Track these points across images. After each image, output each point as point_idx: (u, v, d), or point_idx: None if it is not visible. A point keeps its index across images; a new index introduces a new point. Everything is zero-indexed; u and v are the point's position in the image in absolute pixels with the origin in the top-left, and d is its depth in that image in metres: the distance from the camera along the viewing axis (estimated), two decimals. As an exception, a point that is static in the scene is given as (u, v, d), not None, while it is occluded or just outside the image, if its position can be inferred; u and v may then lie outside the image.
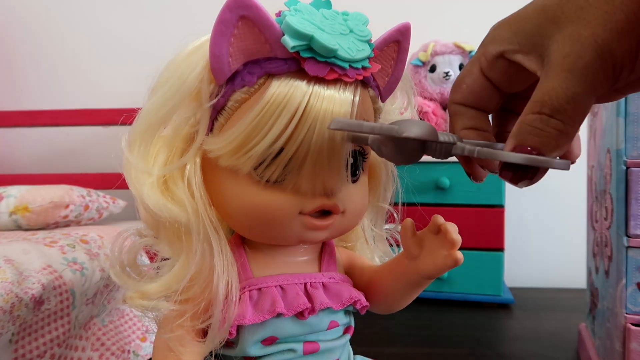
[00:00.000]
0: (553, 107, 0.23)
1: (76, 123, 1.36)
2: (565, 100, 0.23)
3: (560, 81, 0.23)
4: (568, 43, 0.23)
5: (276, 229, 0.32)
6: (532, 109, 0.24)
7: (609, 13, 0.22)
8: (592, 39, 0.22)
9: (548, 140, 0.24)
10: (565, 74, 0.23)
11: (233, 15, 0.28)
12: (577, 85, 0.23)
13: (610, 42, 0.22)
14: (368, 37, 0.31)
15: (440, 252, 0.32)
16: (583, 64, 0.23)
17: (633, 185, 0.67)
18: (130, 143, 0.31)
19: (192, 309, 0.32)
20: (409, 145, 0.28)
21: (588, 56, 0.22)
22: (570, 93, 0.23)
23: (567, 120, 0.23)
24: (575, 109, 0.23)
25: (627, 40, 0.22)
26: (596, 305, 0.87)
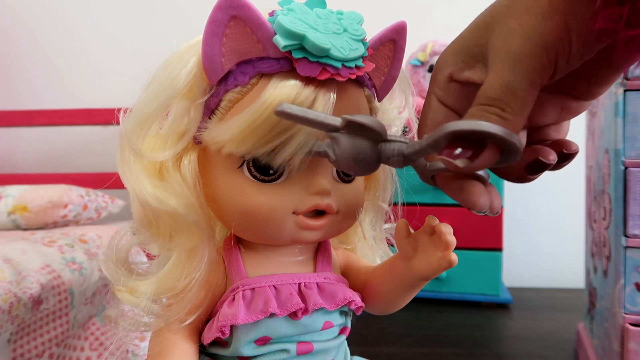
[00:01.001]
0: (489, 97, 0.23)
1: (75, 123, 1.36)
2: (499, 89, 0.23)
3: (494, 73, 0.23)
4: (499, 39, 0.24)
5: (270, 228, 0.32)
6: (473, 104, 0.24)
7: (532, 2, 0.23)
8: (520, 27, 0.23)
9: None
10: (498, 65, 0.23)
11: (224, 15, 0.28)
12: (509, 73, 0.23)
13: (537, 25, 0.22)
14: (362, 36, 0.31)
15: (434, 254, 0.32)
16: (513, 52, 0.23)
17: (631, 185, 0.67)
18: (122, 139, 0.31)
19: (182, 311, 0.32)
20: (361, 144, 0.27)
21: (517, 44, 0.23)
22: (502, 82, 0.23)
23: (505, 108, 0.23)
24: (511, 96, 0.23)
25: (552, 20, 0.22)
26: (594, 305, 0.87)
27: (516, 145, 0.23)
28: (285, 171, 0.31)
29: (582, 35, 0.22)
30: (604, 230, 0.78)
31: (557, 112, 0.28)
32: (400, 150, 0.27)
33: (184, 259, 0.32)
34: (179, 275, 0.32)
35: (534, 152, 0.27)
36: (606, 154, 0.77)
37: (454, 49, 0.27)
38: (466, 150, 0.23)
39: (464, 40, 0.26)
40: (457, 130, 0.22)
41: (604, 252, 0.79)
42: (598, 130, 0.86)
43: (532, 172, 0.27)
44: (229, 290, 0.34)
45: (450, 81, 0.28)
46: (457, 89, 0.28)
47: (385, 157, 0.27)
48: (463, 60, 0.26)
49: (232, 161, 0.31)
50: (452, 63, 0.27)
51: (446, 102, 0.28)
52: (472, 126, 0.22)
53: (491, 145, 0.23)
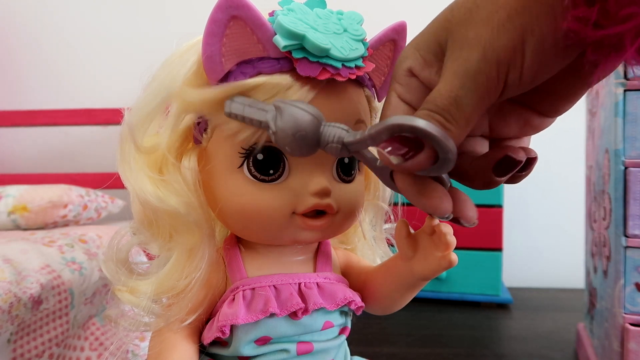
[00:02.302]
0: (437, 105, 0.23)
1: (75, 123, 1.36)
2: (448, 101, 0.23)
3: (445, 83, 0.23)
4: (457, 46, 0.23)
5: (270, 229, 0.32)
6: (422, 106, 0.24)
7: (492, 12, 0.22)
8: (476, 39, 0.22)
9: None
10: (451, 76, 0.23)
11: (224, 15, 0.28)
12: (459, 88, 0.23)
13: (492, 40, 0.22)
14: (362, 36, 0.31)
15: (434, 254, 0.32)
16: (467, 66, 0.22)
17: (631, 185, 0.67)
18: (123, 138, 0.31)
19: (182, 311, 0.32)
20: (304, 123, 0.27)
21: (472, 58, 0.22)
22: (453, 95, 0.23)
23: (449, 119, 0.23)
24: (457, 110, 0.23)
25: (506, 35, 0.21)
26: (594, 305, 0.87)
27: (451, 152, 0.23)
28: (285, 171, 0.31)
29: (538, 51, 0.22)
30: (604, 230, 0.78)
31: (519, 126, 0.28)
32: (340, 138, 0.27)
33: (184, 259, 0.32)
34: (179, 275, 0.32)
35: (502, 149, 0.26)
36: (606, 154, 0.77)
37: (415, 43, 0.26)
38: (402, 147, 0.23)
39: (425, 36, 0.26)
40: (399, 124, 0.22)
41: (604, 252, 0.79)
42: (598, 130, 0.86)
43: (500, 173, 0.26)
44: (229, 290, 0.34)
45: (410, 76, 0.27)
46: (417, 85, 0.27)
47: (324, 141, 0.27)
48: (423, 57, 0.26)
49: (232, 161, 0.31)
50: (412, 58, 0.26)
51: (405, 99, 0.27)
52: (414, 123, 0.22)
53: (428, 148, 0.23)
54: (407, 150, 0.23)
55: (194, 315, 0.33)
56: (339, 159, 0.33)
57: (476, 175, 0.27)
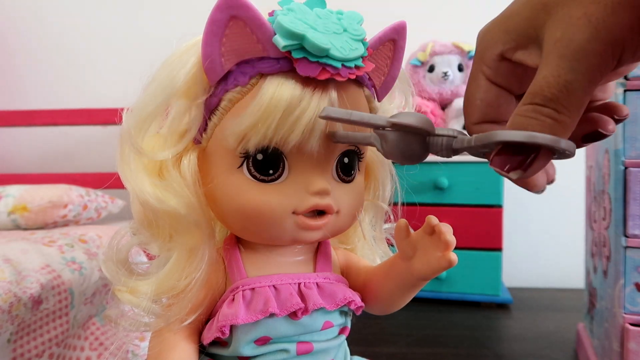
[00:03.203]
0: (545, 97, 0.22)
1: (75, 123, 1.36)
2: (557, 88, 0.21)
3: (552, 69, 0.22)
4: (559, 27, 0.22)
5: (270, 228, 0.32)
6: (525, 100, 0.23)
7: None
8: (585, 18, 0.20)
9: (542, 129, 0.22)
10: (556, 60, 0.21)
11: (224, 15, 0.28)
12: (569, 71, 0.21)
13: (606, 19, 0.20)
14: (362, 36, 0.31)
15: (434, 253, 0.32)
16: (575, 47, 0.21)
17: (631, 186, 0.67)
18: (123, 138, 0.31)
19: (182, 311, 0.32)
20: (409, 139, 0.27)
21: (580, 38, 0.21)
22: (562, 80, 0.21)
23: (561, 109, 0.22)
24: (569, 97, 0.21)
25: (625, 14, 0.20)
26: (594, 305, 0.87)
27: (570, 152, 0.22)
28: (285, 171, 0.31)
29: None
30: (604, 230, 0.78)
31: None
32: (448, 145, 0.27)
33: (184, 259, 0.32)
34: (179, 275, 0.32)
35: (593, 122, 0.26)
36: (606, 154, 0.77)
37: (504, 26, 0.25)
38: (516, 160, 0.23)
39: (516, 18, 0.24)
40: (508, 141, 0.22)
41: (604, 252, 0.79)
42: (598, 130, 0.86)
43: (588, 142, 0.26)
44: (229, 290, 0.34)
45: (501, 60, 0.26)
46: (508, 68, 0.26)
47: (433, 151, 0.28)
48: (515, 40, 0.24)
49: (232, 161, 0.31)
50: (503, 41, 0.25)
51: (496, 81, 0.27)
52: (524, 138, 0.21)
53: (544, 152, 0.22)
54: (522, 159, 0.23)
55: (193, 316, 0.33)
56: (339, 158, 0.33)
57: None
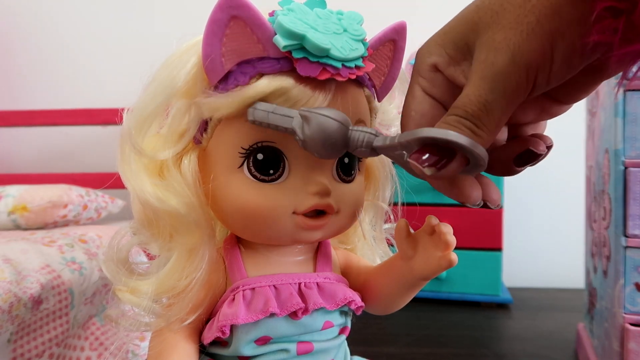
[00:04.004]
0: (466, 112, 0.23)
1: (75, 123, 1.36)
2: (477, 106, 0.23)
3: (474, 88, 0.23)
4: (484, 49, 0.23)
5: (270, 228, 0.32)
6: (450, 112, 0.24)
7: (520, 16, 0.22)
8: (505, 43, 0.22)
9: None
10: (479, 81, 0.23)
11: (224, 15, 0.28)
12: (489, 92, 0.23)
13: (522, 44, 0.22)
14: (362, 36, 0.31)
15: (434, 253, 0.32)
16: (495, 70, 0.22)
17: (631, 186, 0.67)
18: (123, 138, 0.31)
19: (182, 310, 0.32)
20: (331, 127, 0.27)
21: (500, 62, 0.22)
22: (482, 100, 0.23)
23: (480, 125, 0.23)
24: (487, 115, 0.23)
25: (537, 40, 0.21)
26: (594, 305, 0.87)
27: (483, 160, 0.23)
28: (285, 171, 0.31)
29: (567, 56, 0.22)
30: (604, 231, 0.78)
31: (536, 113, 0.28)
32: (369, 142, 0.27)
33: (184, 259, 0.32)
34: (179, 275, 0.32)
35: (524, 142, 0.27)
36: (606, 154, 0.77)
37: (440, 40, 0.26)
38: (434, 157, 0.24)
39: (450, 34, 0.26)
40: (430, 137, 0.23)
41: (603, 252, 0.79)
42: (598, 130, 0.86)
43: (521, 164, 0.27)
44: (229, 290, 0.34)
45: (435, 71, 0.27)
46: (442, 80, 0.27)
47: (353, 146, 0.28)
48: (449, 54, 0.26)
49: (233, 161, 0.31)
50: (438, 54, 0.26)
51: (431, 93, 0.28)
52: (445, 136, 0.22)
53: (460, 157, 0.23)
54: (438, 159, 0.24)
55: (194, 315, 0.33)
56: (338, 158, 0.33)
57: (497, 165, 0.28)
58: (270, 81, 0.29)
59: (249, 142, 0.31)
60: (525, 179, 1.54)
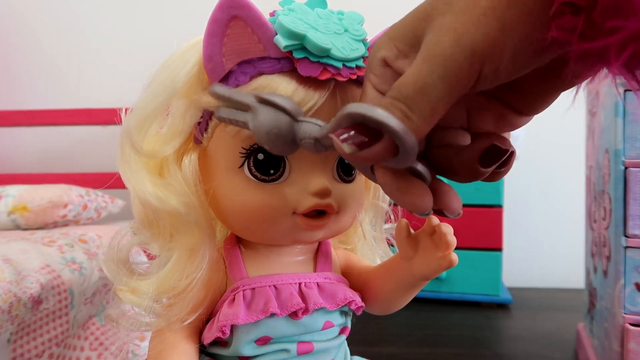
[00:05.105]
0: (401, 93, 0.22)
1: (75, 122, 1.36)
2: (413, 87, 0.22)
3: (414, 69, 0.22)
4: (432, 33, 0.22)
5: (270, 228, 0.32)
6: (388, 94, 0.23)
7: (474, 2, 0.21)
8: (452, 26, 0.21)
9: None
10: (420, 62, 0.22)
11: (225, 15, 0.28)
12: (428, 74, 0.21)
13: (470, 28, 0.20)
14: (363, 37, 0.31)
15: (435, 254, 0.32)
16: (437, 51, 0.21)
17: (631, 186, 0.67)
18: (123, 138, 0.31)
19: (183, 310, 0.32)
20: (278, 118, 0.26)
21: (445, 43, 0.21)
22: (419, 81, 0.21)
23: (414, 109, 0.22)
24: (422, 98, 0.21)
25: (487, 26, 0.20)
26: (594, 305, 0.87)
27: (410, 145, 0.21)
28: (286, 171, 0.31)
29: (519, 48, 0.20)
30: (604, 231, 0.78)
31: (495, 121, 0.27)
32: (312, 133, 0.26)
33: (184, 259, 0.32)
34: (180, 275, 0.32)
35: (487, 139, 0.25)
36: (606, 154, 0.77)
37: (390, 34, 0.25)
38: (357, 136, 0.22)
39: (401, 27, 0.25)
40: (356, 112, 0.21)
41: (604, 252, 0.79)
42: (598, 130, 0.86)
43: (486, 163, 0.25)
44: (229, 290, 0.34)
45: (384, 66, 0.25)
46: (391, 75, 0.25)
47: (298, 138, 0.27)
48: (397, 47, 0.24)
49: (233, 161, 0.31)
50: (387, 48, 0.25)
51: (381, 89, 0.26)
52: (369, 112, 0.21)
53: (386, 140, 0.21)
54: (365, 140, 0.22)
55: (194, 315, 0.33)
56: (339, 158, 0.33)
57: (461, 168, 0.26)
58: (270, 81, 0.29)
59: (249, 141, 0.31)
60: (525, 179, 1.55)
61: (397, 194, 0.25)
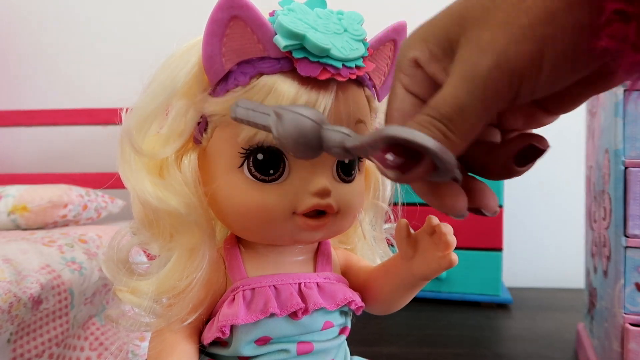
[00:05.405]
0: (440, 113, 0.22)
1: (75, 122, 1.36)
2: (452, 108, 0.21)
3: (451, 88, 0.22)
4: (468, 48, 0.21)
5: (270, 229, 0.32)
6: (424, 111, 0.23)
7: (512, 16, 0.20)
8: (491, 44, 0.20)
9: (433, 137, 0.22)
10: (458, 81, 0.21)
11: (225, 15, 0.28)
12: (467, 95, 0.21)
13: (508, 47, 0.20)
14: (363, 36, 0.31)
15: (434, 253, 0.32)
16: (477, 72, 0.21)
17: (631, 186, 0.67)
18: (123, 138, 0.31)
19: (183, 310, 0.32)
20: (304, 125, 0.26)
21: (484, 64, 0.20)
22: (458, 102, 0.21)
23: (453, 129, 0.22)
24: (462, 119, 0.21)
25: (526, 45, 0.20)
26: (594, 305, 0.87)
27: (450, 165, 0.21)
28: (286, 171, 0.31)
29: (557, 66, 0.20)
30: (604, 231, 0.78)
31: (524, 119, 0.27)
32: (341, 142, 0.26)
33: (184, 259, 0.32)
34: (180, 275, 0.32)
35: (525, 138, 0.25)
36: (606, 154, 0.77)
37: (422, 34, 0.24)
38: (398, 159, 0.22)
39: (434, 29, 0.24)
40: (395, 136, 0.21)
41: (604, 252, 0.79)
42: (598, 130, 0.86)
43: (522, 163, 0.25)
44: (229, 290, 0.34)
45: (416, 67, 0.25)
46: (423, 77, 0.25)
47: (326, 146, 0.27)
48: (430, 49, 0.24)
49: (233, 161, 0.31)
50: (419, 49, 0.24)
51: (412, 90, 0.25)
52: (411, 137, 0.21)
53: (426, 161, 0.22)
54: (404, 161, 0.22)
55: (194, 315, 0.33)
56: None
57: (495, 166, 0.26)
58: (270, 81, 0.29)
59: (249, 142, 0.31)
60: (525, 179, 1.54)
61: (431, 198, 0.24)
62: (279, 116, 0.27)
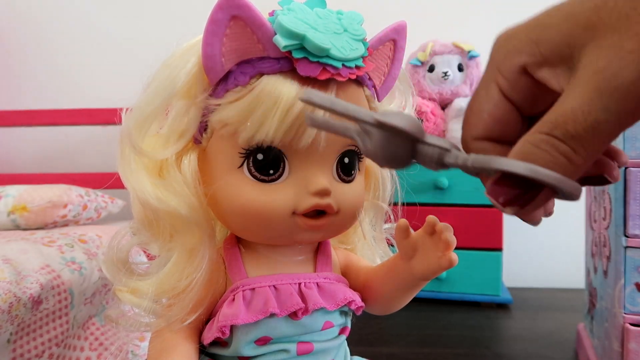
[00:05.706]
0: (567, 132, 0.19)
1: (75, 123, 1.36)
2: (583, 126, 0.18)
3: (584, 102, 0.19)
4: (604, 56, 0.19)
5: (270, 229, 0.32)
6: (542, 128, 0.20)
7: None
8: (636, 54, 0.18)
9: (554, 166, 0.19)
10: (591, 93, 0.19)
11: (225, 15, 0.28)
12: (602, 110, 0.18)
13: None
14: (362, 36, 0.31)
15: (434, 253, 0.32)
16: (617, 85, 0.18)
17: (631, 186, 0.67)
18: (123, 138, 0.31)
19: (183, 311, 0.32)
20: (396, 142, 0.24)
21: (626, 76, 0.18)
22: (591, 119, 0.18)
23: (580, 150, 0.19)
24: (593, 138, 0.19)
25: None
26: (594, 305, 0.87)
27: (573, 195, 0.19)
28: (286, 171, 0.31)
29: None
30: (604, 230, 0.78)
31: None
32: (440, 159, 0.23)
33: (184, 259, 0.32)
34: (179, 275, 0.32)
35: (599, 166, 0.23)
36: (606, 154, 0.77)
37: (534, 36, 0.21)
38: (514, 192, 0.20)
39: (550, 30, 0.21)
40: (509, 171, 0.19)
41: (604, 252, 0.79)
42: (598, 130, 0.86)
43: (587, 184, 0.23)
44: (229, 290, 0.34)
45: (521, 73, 0.22)
46: (527, 84, 0.22)
47: (421, 160, 0.24)
48: (543, 54, 0.21)
49: (233, 161, 0.31)
50: (530, 53, 0.21)
51: (511, 96, 0.23)
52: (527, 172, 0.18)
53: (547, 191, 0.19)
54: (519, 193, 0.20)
55: (194, 315, 0.33)
56: (339, 158, 0.33)
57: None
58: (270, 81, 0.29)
59: (249, 142, 0.31)
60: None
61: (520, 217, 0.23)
62: (367, 133, 0.24)
